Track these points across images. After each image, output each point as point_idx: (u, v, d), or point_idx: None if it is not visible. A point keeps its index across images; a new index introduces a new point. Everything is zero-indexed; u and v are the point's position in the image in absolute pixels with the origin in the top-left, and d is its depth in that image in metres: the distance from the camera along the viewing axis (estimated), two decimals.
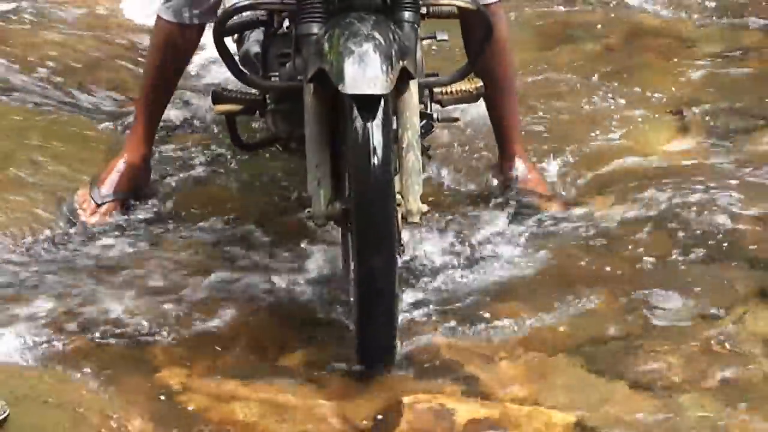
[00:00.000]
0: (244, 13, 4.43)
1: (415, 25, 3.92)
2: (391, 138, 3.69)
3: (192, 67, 5.50)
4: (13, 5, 6.85)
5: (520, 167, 5.10)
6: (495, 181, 5.25)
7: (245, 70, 4.35)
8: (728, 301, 4.53)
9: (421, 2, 3.96)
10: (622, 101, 6.19)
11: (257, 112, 4.62)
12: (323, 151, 3.81)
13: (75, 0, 7.23)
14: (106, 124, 5.87)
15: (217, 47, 4.23)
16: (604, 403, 3.95)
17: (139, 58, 6.38)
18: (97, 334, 4.27)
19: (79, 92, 6.10)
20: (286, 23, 4.44)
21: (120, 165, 4.78)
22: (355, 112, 3.52)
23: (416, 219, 3.82)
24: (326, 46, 3.66)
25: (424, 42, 4.62)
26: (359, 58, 3.53)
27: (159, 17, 4.66)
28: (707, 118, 6.19)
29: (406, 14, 3.84)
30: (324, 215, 3.81)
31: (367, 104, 3.53)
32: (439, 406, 3.87)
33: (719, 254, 4.94)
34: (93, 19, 6.98)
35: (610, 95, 6.30)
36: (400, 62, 3.59)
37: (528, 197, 5.06)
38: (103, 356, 4.18)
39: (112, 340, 4.25)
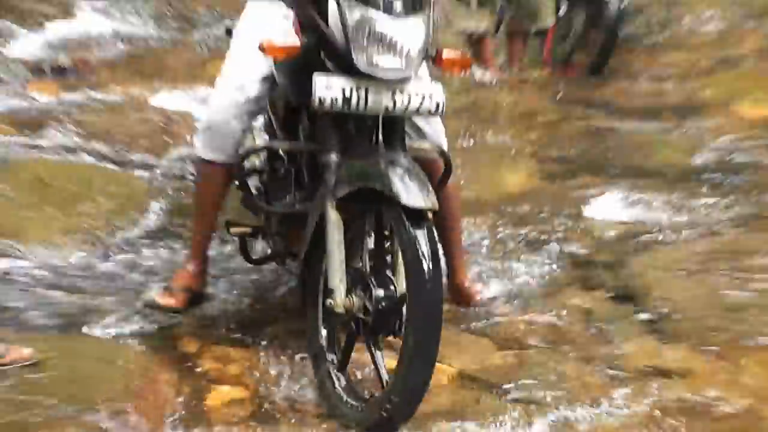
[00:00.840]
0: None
1: None
2: (436, 243, 3.84)
3: None
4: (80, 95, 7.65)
5: (463, 291, 5.26)
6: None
7: (261, 203, 4.77)
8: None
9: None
10: None
11: (261, 234, 5.05)
12: (341, 255, 3.94)
13: (116, 90, 8.01)
14: (145, 175, 6.82)
15: (239, 183, 4.88)
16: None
17: (168, 128, 7.31)
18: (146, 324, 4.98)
19: (127, 153, 7.01)
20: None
21: (182, 273, 4.97)
22: (407, 222, 3.68)
23: None
24: (370, 170, 3.87)
25: None
26: (406, 180, 3.72)
27: (197, 156, 4.92)
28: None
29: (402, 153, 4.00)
30: (342, 304, 3.90)
31: (417, 216, 3.70)
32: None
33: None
34: (132, 103, 7.76)
35: None
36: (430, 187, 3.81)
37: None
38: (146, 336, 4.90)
39: (155, 326, 4.96)
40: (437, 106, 3.99)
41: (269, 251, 5.10)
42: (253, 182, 4.86)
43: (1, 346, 4.37)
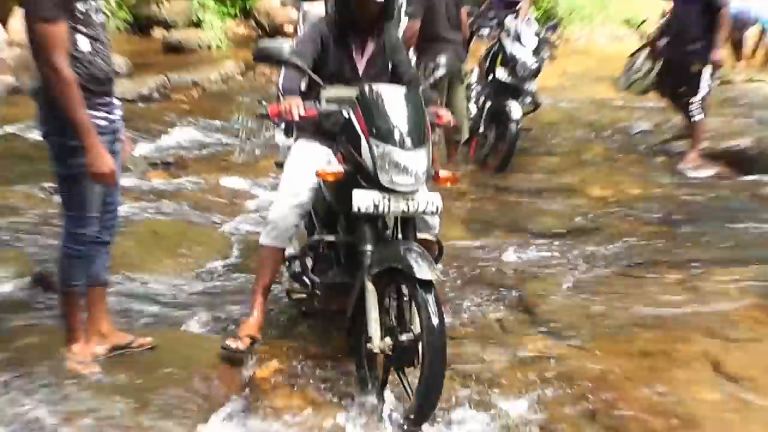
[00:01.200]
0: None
1: None
2: (440, 302, 3.68)
3: None
4: (179, 180, 7.70)
5: None
6: None
7: (311, 276, 4.51)
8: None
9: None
10: None
11: (311, 297, 4.69)
12: (376, 313, 3.80)
13: (200, 176, 7.90)
14: (223, 229, 6.77)
15: (298, 262, 4.61)
16: None
17: (235, 200, 7.37)
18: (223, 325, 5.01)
19: (209, 215, 7.02)
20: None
21: (246, 323, 4.51)
22: (421, 289, 3.58)
23: None
24: (393, 254, 3.74)
25: None
26: (418, 260, 3.61)
27: (261, 243, 4.57)
28: None
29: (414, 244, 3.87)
30: (378, 346, 3.78)
31: (427, 285, 3.59)
32: None
33: None
34: (210, 184, 7.73)
35: None
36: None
37: None
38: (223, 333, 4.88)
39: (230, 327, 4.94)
40: (437, 208, 3.96)
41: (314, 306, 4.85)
42: (301, 262, 4.59)
43: (130, 335, 4.44)
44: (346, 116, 4.06)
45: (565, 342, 4.91)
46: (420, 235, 4.13)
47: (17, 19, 12.68)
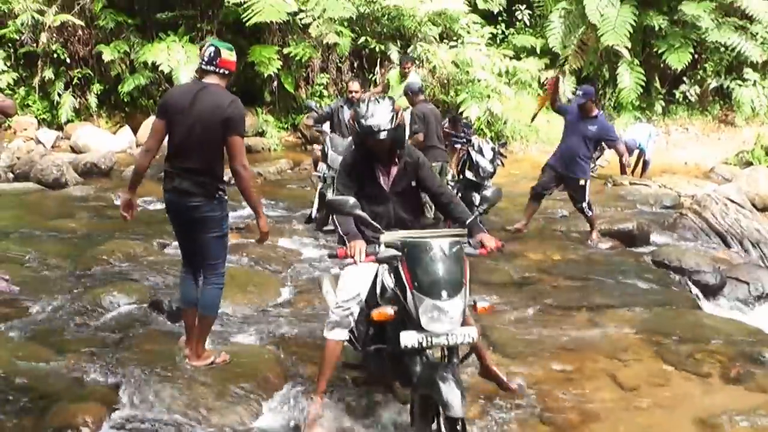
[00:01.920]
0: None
1: None
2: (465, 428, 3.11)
3: None
4: (249, 240, 7.25)
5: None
6: None
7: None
8: None
9: None
10: None
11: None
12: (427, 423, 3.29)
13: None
14: (279, 275, 6.37)
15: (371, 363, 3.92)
16: None
17: (286, 255, 6.99)
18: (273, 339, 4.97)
19: (268, 266, 6.62)
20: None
21: (312, 407, 3.81)
22: (449, 424, 3.08)
23: None
24: (432, 381, 3.18)
25: None
26: (452, 395, 3.09)
27: (324, 336, 3.84)
28: None
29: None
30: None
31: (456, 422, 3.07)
32: None
33: None
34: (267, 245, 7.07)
35: None
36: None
37: None
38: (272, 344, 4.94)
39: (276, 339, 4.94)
40: (473, 339, 3.28)
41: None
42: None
43: (215, 352, 4.43)
44: (396, 264, 3.38)
45: (510, 359, 4.85)
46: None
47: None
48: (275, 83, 14.51)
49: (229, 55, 4.02)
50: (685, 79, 15.87)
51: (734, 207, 8.40)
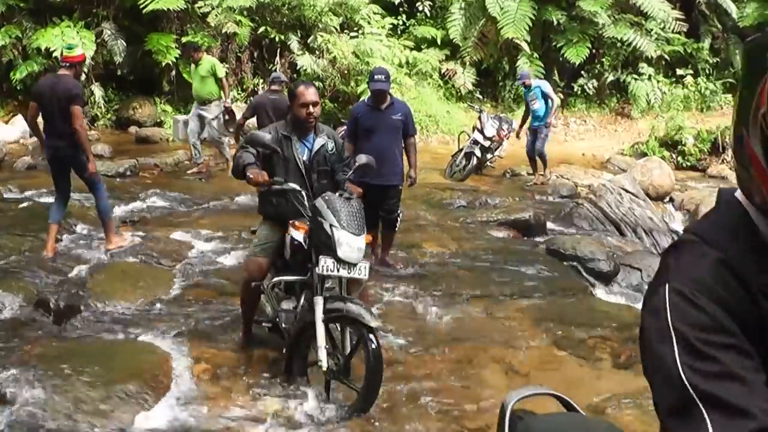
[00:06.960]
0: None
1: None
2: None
3: None
4: (141, 233, 7.13)
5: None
6: None
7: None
8: None
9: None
10: None
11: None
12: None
13: (154, 230, 7.36)
14: (170, 271, 6.35)
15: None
16: None
17: (179, 248, 6.98)
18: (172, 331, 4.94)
19: (159, 259, 6.50)
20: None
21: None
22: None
23: None
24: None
25: None
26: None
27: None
28: None
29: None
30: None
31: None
32: None
33: None
34: (161, 238, 7.13)
35: None
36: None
37: None
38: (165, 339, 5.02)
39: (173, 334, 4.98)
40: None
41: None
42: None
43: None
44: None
45: (405, 351, 4.85)
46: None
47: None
48: (173, 72, 14.23)
49: (69, 52, 6.13)
50: (583, 72, 16.47)
51: (628, 196, 8.74)
